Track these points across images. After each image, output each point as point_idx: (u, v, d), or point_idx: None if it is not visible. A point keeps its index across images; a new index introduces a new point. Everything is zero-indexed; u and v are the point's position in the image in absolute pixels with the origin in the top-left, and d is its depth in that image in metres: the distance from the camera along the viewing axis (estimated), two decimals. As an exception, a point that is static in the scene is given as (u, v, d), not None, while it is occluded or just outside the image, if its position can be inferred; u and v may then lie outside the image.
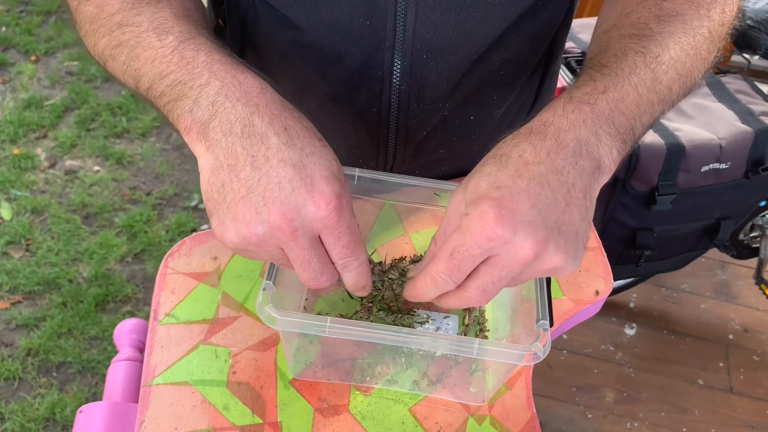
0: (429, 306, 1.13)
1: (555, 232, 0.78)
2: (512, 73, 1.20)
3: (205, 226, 3.16)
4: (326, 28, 1.09)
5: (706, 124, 2.28)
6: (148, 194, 3.30)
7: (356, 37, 1.09)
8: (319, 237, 0.82)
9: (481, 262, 0.80)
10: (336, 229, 0.81)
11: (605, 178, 0.85)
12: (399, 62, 1.10)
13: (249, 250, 0.82)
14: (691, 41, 0.95)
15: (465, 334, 1.10)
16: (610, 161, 0.84)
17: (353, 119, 1.20)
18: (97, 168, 3.39)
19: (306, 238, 0.80)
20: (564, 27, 1.22)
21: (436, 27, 1.08)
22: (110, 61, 0.95)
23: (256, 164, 0.78)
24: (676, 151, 2.16)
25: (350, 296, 1.13)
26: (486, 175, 0.81)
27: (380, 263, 1.07)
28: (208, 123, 0.81)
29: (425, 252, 1.08)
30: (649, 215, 2.30)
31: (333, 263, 0.85)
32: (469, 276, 0.82)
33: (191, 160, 3.47)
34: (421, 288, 0.84)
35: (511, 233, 0.76)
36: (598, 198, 0.85)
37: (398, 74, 1.12)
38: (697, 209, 2.35)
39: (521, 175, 0.79)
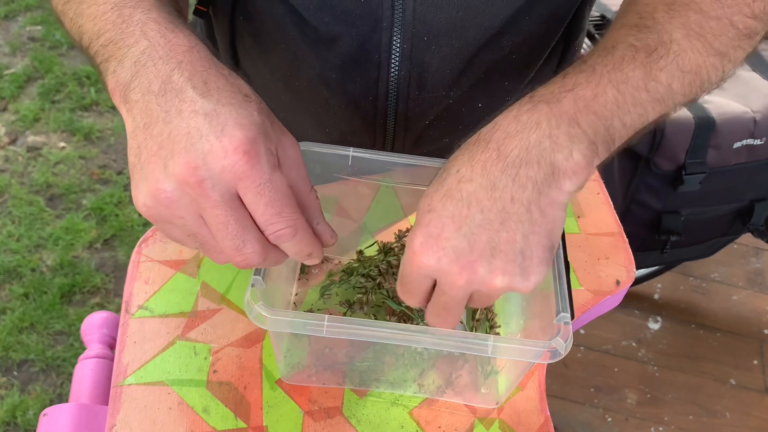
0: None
1: (486, 255, 0.80)
2: (525, 57, 1.19)
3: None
4: (316, 6, 1.08)
5: (738, 95, 2.28)
6: (119, 173, 3.29)
7: (350, 17, 1.08)
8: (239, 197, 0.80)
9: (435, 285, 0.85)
10: (253, 180, 0.78)
11: (569, 183, 0.83)
12: (398, 45, 1.10)
13: (164, 218, 0.80)
14: (706, 34, 0.93)
15: (474, 330, 1.10)
16: (570, 164, 0.82)
17: (347, 106, 1.19)
18: (62, 144, 3.39)
19: (218, 192, 0.77)
20: (587, 1, 1.21)
21: (437, 6, 1.07)
22: (62, 17, 0.95)
23: (168, 119, 0.78)
24: (705, 126, 2.16)
25: (342, 287, 1.13)
26: (425, 196, 0.84)
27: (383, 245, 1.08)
28: (129, 84, 0.81)
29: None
30: (676, 197, 2.30)
31: (262, 232, 0.82)
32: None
33: (167, 135, 3.47)
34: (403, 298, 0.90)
35: (435, 260, 0.80)
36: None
37: (397, 59, 1.12)
38: (729, 190, 2.35)
39: (451, 196, 0.82)
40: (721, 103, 2.21)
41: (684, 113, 2.16)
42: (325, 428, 1.02)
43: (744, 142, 2.21)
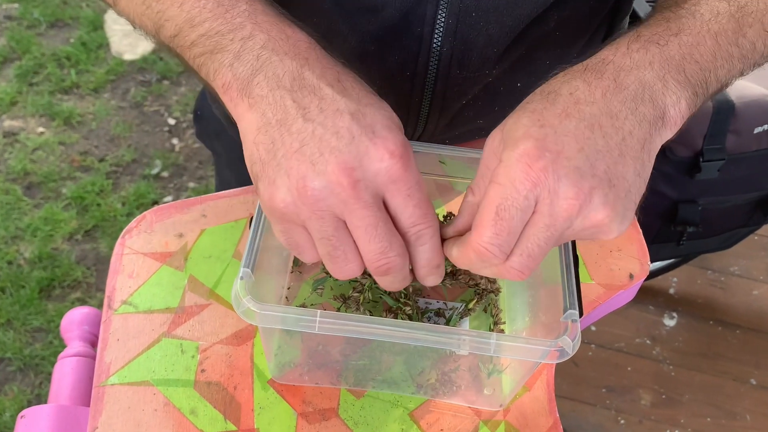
0: (431, 291, 1.13)
1: (604, 183, 0.77)
2: (569, 34, 1.19)
3: (168, 198, 3.16)
4: None
5: (759, 77, 2.27)
6: (101, 160, 3.29)
7: None
8: (383, 200, 0.81)
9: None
10: (405, 183, 0.80)
11: (669, 133, 0.85)
12: (443, 20, 1.09)
13: (300, 216, 0.81)
14: None
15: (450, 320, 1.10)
16: (676, 113, 0.84)
17: (381, 82, 1.18)
18: (41, 129, 3.39)
19: (369, 193, 0.79)
20: None
21: None
22: None
23: (309, 116, 0.79)
24: (724, 110, 2.15)
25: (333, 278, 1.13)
26: (529, 112, 0.81)
27: None
28: (252, 79, 0.82)
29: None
30: (693, 185, 2.29)
31: (402, 234, 0.84)
32: None
33: (152, 120, 3.47)
34: (462, 263, 0.84)
35: (554, 180, 0.76)
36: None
37: (440, 34, 1.11)
38: (749, 178, 2.34)
39: (570, 114, 0.79)
40: (740, 86, 2.21)
41: (701, 96, 2.15)
42: (320, 431, 1.02)
43: (765, 126, 2.21)
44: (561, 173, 0.76)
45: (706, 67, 0.87)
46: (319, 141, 0.78)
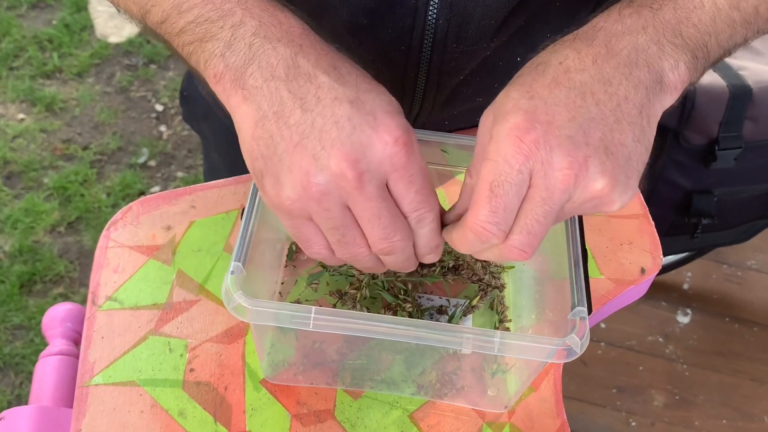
0: (433, 287, 1.13)
1: (600, 151, 0.78)
2: (571, 5, 1.19)
3: (155, 188, 3.16)
4: None
5: (779, 61, 2.27)
6: (85, 148, 3.29)
7: None
8: (387, 185, 0.82)
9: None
10: (407, 170, 0.81)
11: (669, 99, 0.85)
12: None
13: (308, 212, 0.82)
14: None
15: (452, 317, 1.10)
16: (675, 77, 0.84)
17: (375, 57, 1.18)
18: (21, 116, 3.38)
19: (374, 184, 0.80)
20: None
21: None
22: None
23: (306, 106, 0.80)
24: (740, 95, 2.15)
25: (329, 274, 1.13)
26: (517, 85, 0.82)
27: None
28: (245, 69, 0.82)
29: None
30: (708, 174, 2.29)
31: (405, 217, 0.85)
32: None
33: (138, 106, 3.47)
34: (462, 246, 0.85)
35: (547, 151, 0.77)
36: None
37: (435, 6, 1.10)
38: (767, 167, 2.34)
39: (559, 83, 0.80)
40: (758, 70, 2.20)
41: (717, 81, 2.15)
42: (315, 433, 1.02)
43: (785, 113, 2.21)
44: (553, 144, 0.77)
45: (706, 31, 0.87)
46: (319, 132, 0.78)
